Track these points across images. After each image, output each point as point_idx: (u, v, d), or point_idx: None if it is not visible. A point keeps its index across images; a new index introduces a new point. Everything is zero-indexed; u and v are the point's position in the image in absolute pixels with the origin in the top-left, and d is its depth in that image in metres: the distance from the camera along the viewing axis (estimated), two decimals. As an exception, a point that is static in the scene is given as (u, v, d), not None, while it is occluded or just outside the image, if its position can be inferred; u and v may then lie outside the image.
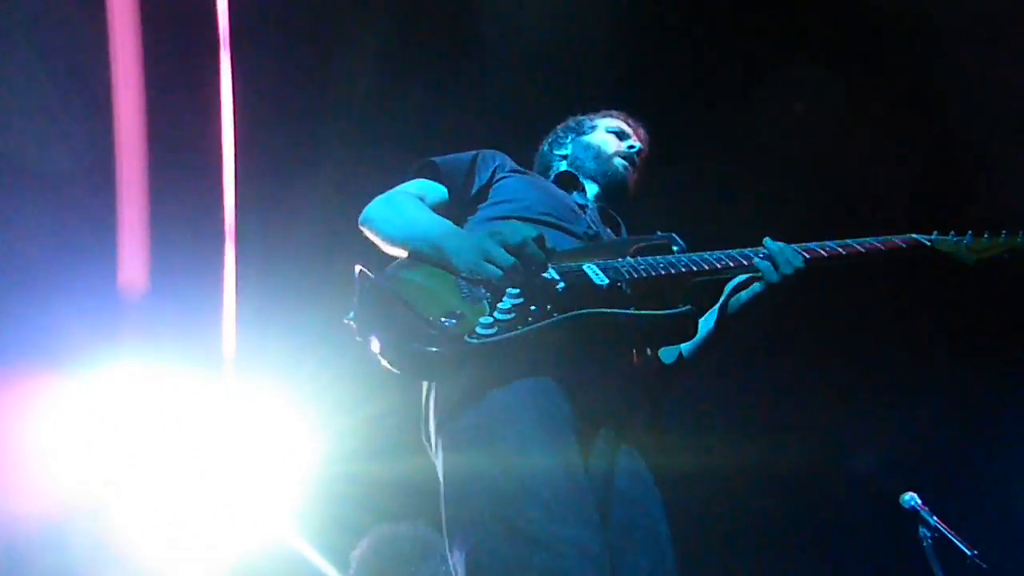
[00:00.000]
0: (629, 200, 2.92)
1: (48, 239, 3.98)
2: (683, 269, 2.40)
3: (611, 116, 3.04)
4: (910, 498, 3.97)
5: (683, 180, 4.78)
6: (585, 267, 2.35)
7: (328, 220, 4.53)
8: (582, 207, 2.75)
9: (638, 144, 2.95)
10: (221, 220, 4.07)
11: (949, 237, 2.60)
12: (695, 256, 2.46)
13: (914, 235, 2.59)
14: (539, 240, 2.24)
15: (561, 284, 2.26)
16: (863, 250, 2.52)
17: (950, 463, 4.98)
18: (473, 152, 2.71)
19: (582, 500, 2.03)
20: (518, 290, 2.18)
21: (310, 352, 4.62)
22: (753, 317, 2.51)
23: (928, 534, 3.96)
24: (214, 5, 3.42)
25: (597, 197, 2.86)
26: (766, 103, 4.85)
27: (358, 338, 2.17)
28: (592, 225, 2.67)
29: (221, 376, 4.36)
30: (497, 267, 2.20)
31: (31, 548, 3.66)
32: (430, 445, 2.33)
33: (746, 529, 5.27)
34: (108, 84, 3.60)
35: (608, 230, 2.74)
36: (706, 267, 2.44)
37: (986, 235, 2.58)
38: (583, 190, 2.87)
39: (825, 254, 2.49)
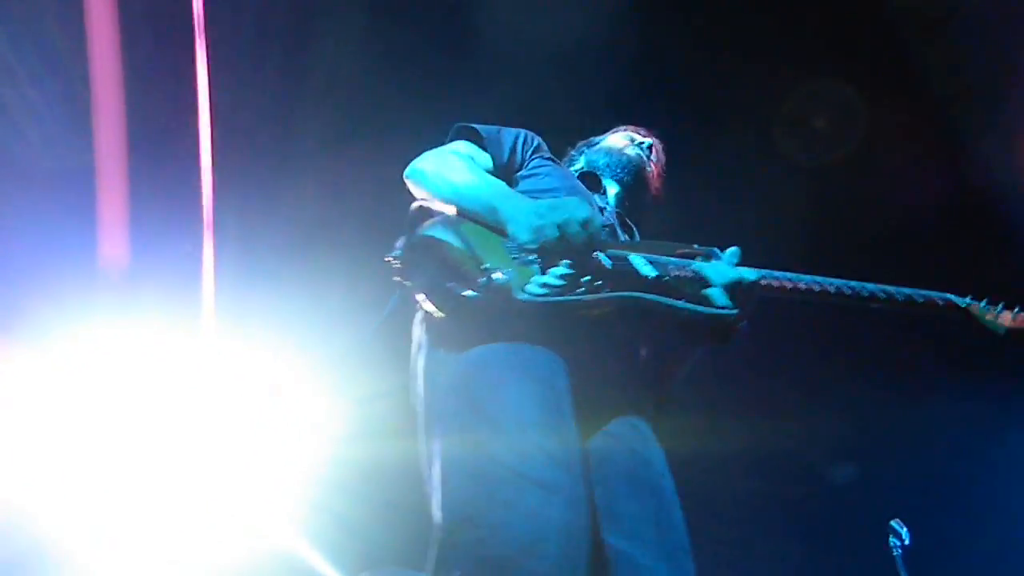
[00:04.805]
0: (649, 196, 2.95)
1: (29, 219, 3.96)
2: None
3: (620, 130, 3.05)
4: (898, 524, 4.10)
5: (692, 185, 4.70)
6: (631, 257, 2.39)
7: (312, 201, 4.48)
8: (601, 209, 2.76)
9: (651, 140, 2.97)
10: (199, 199, 4.02)
11: (981, 304, 2.65)
12: None
13: (950, 296, 2.64)
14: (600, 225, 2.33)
15: (611, 264, 2.31)
16: (900, 300, 2.57)
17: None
18: (515, 130, 2.75)
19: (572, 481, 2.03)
20: (570, 261, 2.23)
21: (293, 333, 4.59)
22: None
23: (897, 543, 4.12)
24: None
25: (618, 200, 2.88)
26: (777, 107, 4.72)
27: (396, 277, 2.27)
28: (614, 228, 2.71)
29: (202, 354, 4.35)
30: (560, 232, 2.24)
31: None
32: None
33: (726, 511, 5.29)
34: (86, 70, 3.55)
35: (625, 236, 2.75)
36: None
37: (1017, 308, 2.63)
38: (604, 192, 2.89)
39: (862, 294, 2.56)
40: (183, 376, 4.33)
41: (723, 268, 2.43)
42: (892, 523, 4.15)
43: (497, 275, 2.15)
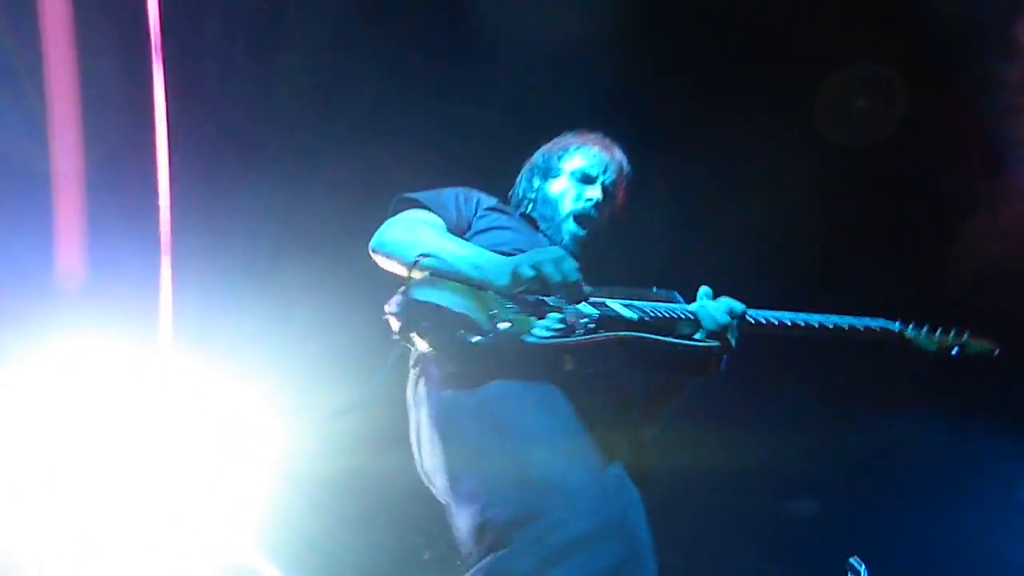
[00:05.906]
0: (587, 250, 2.94)
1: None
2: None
3: (581, 150, 2.98)
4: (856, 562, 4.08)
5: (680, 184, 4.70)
6: (608, 302, 2.58)
7: (276, 208, 4.45)
8: None
9: (597, 196, 2.90)
10: (158, 212, 3.99)
11: (909, 328, 2.92)
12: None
13: (884, 323, 2.91)
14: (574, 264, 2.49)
15: (597, 312, 2.50)
16: (845, 329, 2.84)
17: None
18: (453, 190, 2.85)
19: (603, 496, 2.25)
20: (562, 306, 2.45)
21: (257, 346, 4.54)
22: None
23: (855, 578, 4.10)
24: (145, 7, 3.33)
25: (568, 244, 2.91)
26: (779, 108, 4.71)
27: (395, 335, 2.39)
28: None
29: (160, 371, 4.29)
30: (535, 272, 2.41)
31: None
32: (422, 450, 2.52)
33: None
34: (41, 80, 3.53)
35: None
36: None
37: (950, 331, 2.91)
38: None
39: (803, 326, 2.82)
40: (141, 393, 4.27)
41: (713, 307, 2.66)
42: (851, 560, 4.14)
43: (503, 324, 2.33)
